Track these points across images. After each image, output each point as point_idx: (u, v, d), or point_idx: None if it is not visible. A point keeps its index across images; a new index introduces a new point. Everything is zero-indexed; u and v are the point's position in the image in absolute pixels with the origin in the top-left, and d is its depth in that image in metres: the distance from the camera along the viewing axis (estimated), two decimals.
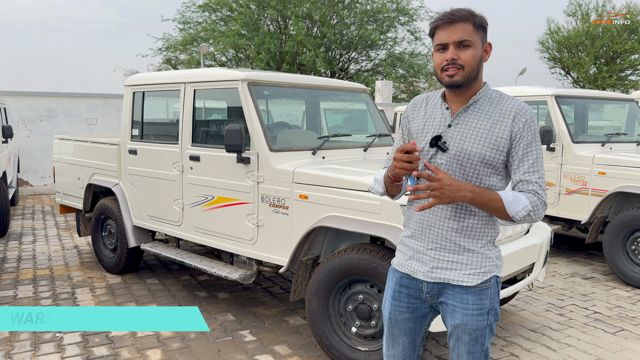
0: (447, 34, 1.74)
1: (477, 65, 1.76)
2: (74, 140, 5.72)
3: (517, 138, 1.76)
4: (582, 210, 5.54)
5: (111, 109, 11.48)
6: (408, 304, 1.93)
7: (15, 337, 3.72)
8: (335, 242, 3.67)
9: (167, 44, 21.77)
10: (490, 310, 1.84)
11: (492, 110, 1.79)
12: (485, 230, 1.83)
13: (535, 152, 1.76)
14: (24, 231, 7.13)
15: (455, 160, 1.79)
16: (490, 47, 1.83)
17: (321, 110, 5.00)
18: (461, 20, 1.74)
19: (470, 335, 1.83)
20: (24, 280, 5.02)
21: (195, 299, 4.53)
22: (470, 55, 1.74)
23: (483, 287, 1.82)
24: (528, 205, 1.70)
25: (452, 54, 1.74)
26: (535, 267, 3.61)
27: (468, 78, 1.76)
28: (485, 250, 1.84)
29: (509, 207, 1.69)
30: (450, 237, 1.82)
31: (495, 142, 1.76)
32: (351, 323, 3.28)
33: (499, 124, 1.77)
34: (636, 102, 6.72)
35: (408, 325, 1.96)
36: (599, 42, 23.15)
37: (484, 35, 1.80)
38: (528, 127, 1.76)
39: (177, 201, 4.35)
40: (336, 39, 19.72)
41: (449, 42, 1.74)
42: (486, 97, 1.82)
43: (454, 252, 1.82)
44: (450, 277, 1.82)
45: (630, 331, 3.99)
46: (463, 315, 1.82)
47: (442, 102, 1.87)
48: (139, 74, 4.96)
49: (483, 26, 1.79)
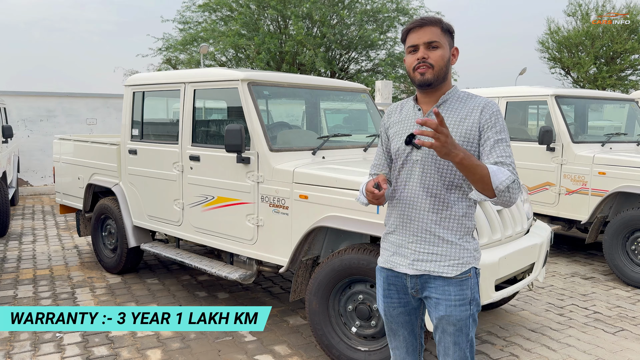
0: (417, 36, 1.90)
1: (445, 65, 1.90)
2: (74, 140, 5.72)
3: (485, 128, 1.87)
4: (582, 210, 5.54)
5: (111, 109, 11.48)
6: (399, 300, 2.05)
7: (15, 337, 3.72)
8: (335, 242, 3.66)
9: (167, 44, 21.76)
10: (472, 301, 1.94)
11: (460, 107, 1.93)
12: (462, 221, 1.93)
13: (505, 140, 1.86)
14: (24, 231, 7.13)
15: (429, 155, 1.90)
16: (457, 52, 1.98)
17: (321, 110, 5.00)
18: (430, 24, 1.90)
19: (454, 326, 1.92)
20: (24, 280, 5.02)
21: (196, 299, 4.53)
22: (439, 55, 1.88)
23: (463, 277, 1.92)
24: (511, 176, 1.75)
25: (422, 53, 1.89)
26: (535, 267, 3.61)
27: (437, 77, 1.89)
28: (463, 242, 1.93)
29: (494, 176, 1.73)
30: (430, 229, 1.92)
31: (465, 134, 1.88)
32: (351, 323, 3.28)
33: (468, 118, 1.89)
34: (636, 102, 6.73)
35: (404, 318, 2.08)
36: (599, 42, 23.14)
37: (451, 39, 1.95)
38: (495, 118, 1.88)
39: (177, 201, 4.35)
40: (336, 39, 19.72)
41: (420, 43, 1.89)
42: (455, 97, 1.96)
43: (433, 244, 1.92)
44: (431, 269, 1.92)
45: (630, 331, 3.99)
46: (446, 306, 1.91)
47: (415, 105, 2.00)
48: (139, 74, 4.96)
49: (450, 32, 1.94)
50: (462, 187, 1.92)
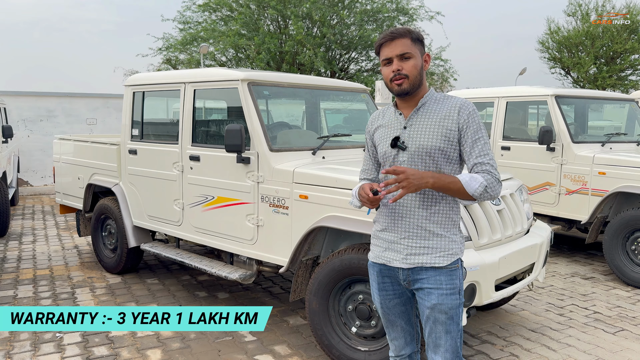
0: (390, 49, 2.03)
1: (419, 73, 2.04)
2: (74, 140, 5.72)
3: (464, 128, 2.02)
4: (582, 210, 5.54)
5: (111, 109, 11.48)
6: (394, 291, 2.17)
7: (15, 337, 3.72)
8: (335, 242, 3.66)
9: (167, 44, 21.75)
10: (460, 291, 2.07)
11: (439, 109, 2.07)
12: (450, 215, 2.07)
13: (483, 138, 2.02)
14: (24, 231, 7.13)
15: (416, 155, 2.04)
16: (429, 57, 2.12)
17: (321, 110, 5.00)
18: (400, 36, 2.02)
19: (446, 314, 2.03)
20: (24, 280, 5.02)
21: (196, 299, 4.53)
22: (412, 65, 2.02)
23: (453, 267, 2.06)
24: (483, 182, 1.95)
25: (396, 65, 2.02)
26: (535, 267, 3.61)
27: (413, 85, 2.04)
28: (451, 235, 2.08)
29: (467, 186, 1.94)
30: (421, 224, 2.05)
31: (446, 134, 2.02)
32: (351, 323, 3.28)
33: (447, 118, 2.03)
34: (636, 102, 6.73)
35: (400, 309, 2.20)
36: (599, 42, 23.14)
37: (421, 47, 2.08)
38: (472, 118, 2.02)
39: (177, 201, 4.35)
40: (336, 39, 19.71)
41: (393, 56, 2.03)
42: (432, 99, 2.09)
43: (425, 238, 2.05)
44: (424, 261, 2.05)
45: (630, 331, 3.99)
46: (438, 295, 2.03)
47: (395, 110, 2.14)
48: (139, 74, 4.96)
49: (420, 39, 2.07)
50: None
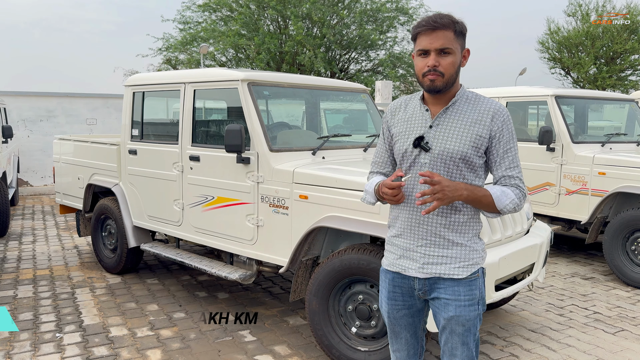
0: (429, 41, 1.82)
1: (455, 72, 1.86)
2: (74, 140, 5.72)
3: (496, 137, 1.87)
4: (582, 211, 5.54)
5: (111, 109, 11.48)
6: (404, 302, 2.02)
7: (15, 337, 3.72)
8: (335, 242, 3.66)
9: (167, 44, 21.76)
10: (480, 300, 1.94)
11: (470, 110, 1.89)
12: (470, 224, 1.93)
13: (513, 149, 1.90)
14: (24, 231, 7.13)
15: (439, 159, 1.88)
16: (469, 53, 1.92)
17: (321, 110, 5.00)
18: (443, 27, 1.81)
19: (463, 326, 1.91)
20: (23, 280, 5.02)
21: (195, 299, 4.53)
22: (450, 62, 1.83)
23: (472, 278, 1.92)
24: (515, 199, 1.86)
25: (433, 60, 1.82)
26: (535, 267, 3.61)
27: (447, 84, 1.85)
28: (472, 244, 1.93)
29: (498, 201, 1.84)
30: (439, 232, 1.90)
31: (475, 140, 1.86)
32: (351, 323, 3.28)
33: (478, 123, 1.87)
34: (636, 103, 6.72)
35: (407, 321, 2.05)
36: (599, 43, 23.13)
37: (463, 41, 1.88)
38: (506, 127, 1.88)
39: (177, 201, 4.35)
40: (336, 39, 19.71)
41: (431, 49, 1.82)
42: (463, 99, 1.92)
43: (443, 246, 1.91)
44: (442, 271, 1.91)
45: (630, 331, 3.99)
46: (456, 307, 1.90)
47: (422, 105, 1.95)
48: (139, 74, 4.96)
49: (463, 33, 1.87)
50: None
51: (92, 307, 4.33)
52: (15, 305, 4.35)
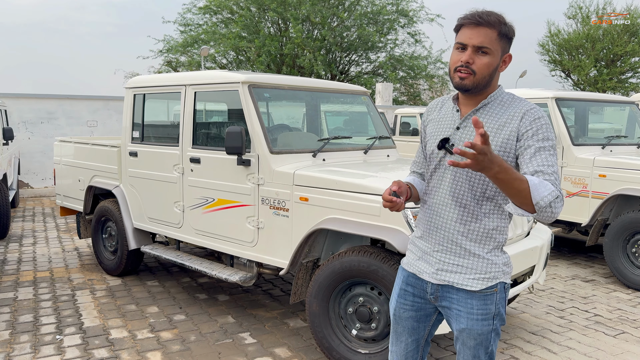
0: (469, 35, 1.72)
1: (489, 74, 1.74)
2: (75, 142, 5.72)
3: (526, 136, 1.70)
4: (583, 213, 5.54)
5: (112, 111, 11.49)
6: (413, 303, 1.95)
7: (15, 339, 3.72)
8: (335, 244, 3.66)
9: (167, 46, 21.80)
10: (496, 316, 1.82)
11: (501, 113, 1.77)
12: (492, 234, 1.81)
13: (549, 149, 1.68)
14: (24, 233, 7.13)
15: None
16: (510, 59, 1.80)
17: (321, 112, 5.00)
18: (487, 25, 1.71)
19: (475, 340, 1.82)
20: (24, 282, 5.02)
21: (196, 301, 4.53)
22: (486, 63, 1.72)
23: (488, 292, 1.80)
24: (554, 191, 1.57)
25: (467, 57, 1.73)
26: (535, 269, 3.61)
27: (477, 85, 1.75)
28: (492, 256, 1.81)
29: (535, 191, 1.54)
30: (456, 240, 1.81)
31: (502, 143, 1.73)
32: (351, 325, 3.27)
33: (507, 125, 1.74)
34: (636, 105, 6.73)
35: (411, 324, 1.97)
36: (599, 45, 23.16)
37: (506, 45, 1.77)
38: (537, 123, 1.70)
39: (177, 203, 4.35)
40: (336, 41, 19.74)
41: (469, 44, 1.73)
42: (497, 101, 1.80)
43: (459, 255, 1.82)
44: (454, 280, 1.82)
45: (630, 334, 3.98)
46: (468, 320, 1.81)
47: (454, 105, 1.87)
48: (140, 76, 4.97)
49: (508, 36, 1.76)
50: (495, 199, 1.79)
51: (92, 309, 4.33)
52: (15, 307, 4.35)
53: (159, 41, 22.91)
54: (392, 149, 4.53)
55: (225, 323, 4.06)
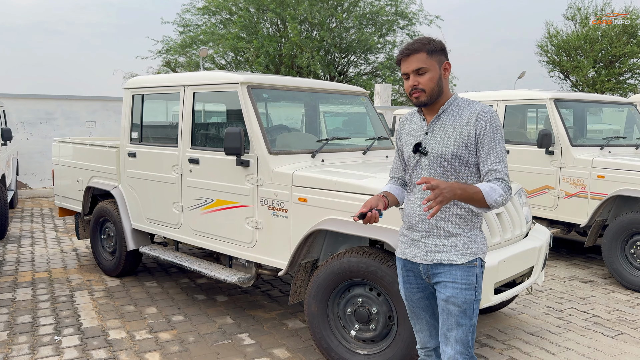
0: (406, 65, 2.11)
1: (436, 85, 2.10)
2: (73, 142, 5.72)
3: (481, 135, 2.07)
4: (581, 214, 5.55)
5: (110, 112, 11.49)
6: (417, 284, 2.24)
7: (14, 340, 3.71)
8: (334, 245, 3.66)
9: (166, 47, 21.79)
10: (477, 287, 2.11)
11: (458, 115, 2.13)
12: (468, 216, 2.13)
13: (498, 146, 2.06)
14: (23, 234, 7.12)
15: (435, 161, 2.12)
16: (450, 66, 2.14)
17: (320, 113, 5.00)
18: (414, 52, 2.08)
19: (459, 307, 2.08)
20: (22, 283, 5.01)
21: (194, 302, 4.53)
22: (428, 79, 2.08)
23: (470, 265, 2.11)
24: (503, 193, 2.01)
25: (412, 81, 2.10)
26: (534, 270, 3.61)
27: (431, 97, 2.11)
28: (471, 235, 2.13)
29: (487, 197, 1.98)
30: (440, 225, 2.12)
31: (463, 140, 2.08)
32: (350, 326, 3.27)
33: (465, 125, 2.10)
34: (635, 106, 6.74)
35: (424, 302, 2.26)
36: (598, 46, 23.20)
37: (441, 57, 2.11)
38: (489, 125, 2.07)
39: (176, 204, 4.35)
40: (335, 42, 19.74)
41: (409, 72, 2.10)
42: (454, 106, 2.15)
43: (444, 237, 2.12)
44: (443, 258, 2.12)
45: (629, 335, 3.99)
46: (453, 288, 2.09)
47: (420, 116, 2.23)
48: (139, 77, 4.96)
49: (437, 50, 2.10)
50: None
51: (90, 309, 4.32)
52: (13, 307, 4.34)
53: (158, 42, 22.89)
54: (390, 149, 4.53)
55: (224, 324, 4.06)
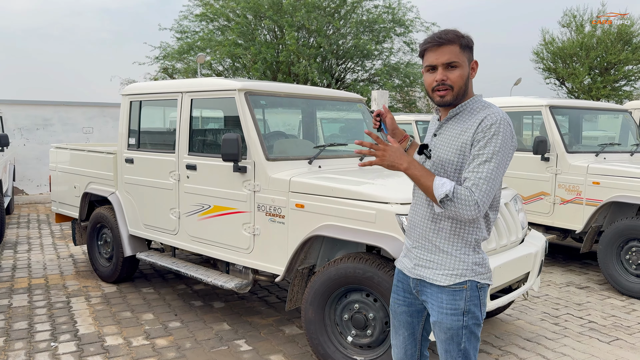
0: (435, 56, 1.87)
1: (464, 84, 1.89)
2: (71, 148, 5.72)
3: (476, 140, 1.84)
4: (577, 220, 5.57)
5: (108, 118, 11.50)
6: (404, 298, 2.09)
7: (10, 346, 3.70)
8: (331, 251, 3.67)
9: (164, 53, 21.81)
10: (466, 313, 1.90)
11: (466, 120, 1.90)
12: (459, 233, 1.91)
13: (487, 154, 1.80)
14: (19, 240, 7.11)
15: (436, 166, 1.94)
16: (477, 65, 1.94)
17: (317, 119, 5.02)
18: (448, 42, 1.85)
19: (445, 334, 1.92)
20: (18, 289, 5.00)
21: (191, 308, 4.52)
22: (458, 75, 1.87)
23: (457, 288, 1.90)
24: (450, 191, 1.78)
25: (441, 75, 1.86)
26: (530, 276, 3.62)
27: (457, 96, 1.89)
28: (460, 254, 1.92)
29: (435, 189, 1.81)
30: (428, 237, 1.96)
31: (461, 147, 1.87)
32: (347, 332, 3.28)
33: (466, 131, 1.87)
34: (630, 113, 6.78)
35: (405, 319, 2.10)
36: (593, 53, 23.32)
37: (470, 54, 1.92)
38: (488, 130, 1.82)
39: (173, 210, 4.35)
40: (332, 49, 19.81)
41: (438, 64, 1.86)
42: (468, 109, 1.92)
43: (431, 251, 1.96)
44: (426, 275, 1.96)
45: (625, 340, 4.00)
46: (438, 313, 1.93)
47: (437, 115, 2.04)
48: (137, 83, 4.98)
49: (469, 46, 1.90)
50: None
51: (87, 316, 4.32)
52: (10, 314, 4.33)
53: (155, 48, 22.90)
54: None
55: (221, 330, 4.06)
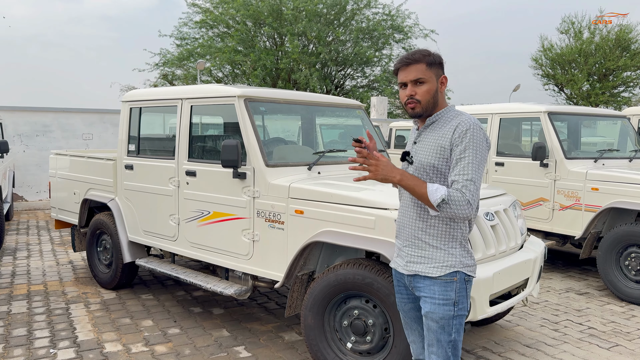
0: (404, 74, 2.10)
1: (432, 97, 2.10)
2: (70, 155, 5.73)
3: (454, 145, 2.04)
4: (576, 226, 5.58)
5: (107, 124, 11.51)
6: (407, 295, 2.26)
7: (9, 353, 3.69)
8: (330, 257, 3.68)
9: (164, 60, 21.88)
10: (457, 303, 2.09)
11: (443, 126, 2.11)
12: (446, 230, 2.10)
13: (468, 157, 2.00)
14: (19, 246, 7.10)
15: (418, 171, 2.13)
16: (446, 79, 2.15)
17: (317, 126, 5.04)
18: (415, 62, 2.08)
19: (437, 323, 2.08)
20: (18, 295, 4.99)
21: (190, 315, 4.52)
22: (425, 90, 2.09)
23: (448, 279, 2.08)
24: (444, 195, 1.96)
25: (409, 90, 2.10)
26: (529, 282, 3.62)
27: (426, 109, 2.11)
28: (449, 248, 2.11)
29: (431, 195, 1.98)
30: (418, 235, 2.13)
31: (440, 151, 2.07)
32: (346, 338, 3.28)
33: (444, 137, 2.08)
34: (628, 119, 6.81)
35: (415, 314, 2.27)
36: (592, 59, 23.41)
37: (438, 70, 2.12)
38: (464, 135, 2.02)
39: (172, 216, 4.36)
40: (331, 57, 19.87)
41: (407, 81, 2.10)
42: (443, 118, 2.14)
43: (421, 248, 2.13)
44: (419, 269, 2.13)
45: (624, 346, 4.00)
46: (431, 304, 2.09)
47: (415, 124, 2.27)
48: (136, 90, 5.00)
49: (436, 62, 2.11)
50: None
51: (86, 322, 4.31)
52: (9, 320, 4.32)
53: (155, 54, 22.98)
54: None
55: (220, 337, 4.05)
